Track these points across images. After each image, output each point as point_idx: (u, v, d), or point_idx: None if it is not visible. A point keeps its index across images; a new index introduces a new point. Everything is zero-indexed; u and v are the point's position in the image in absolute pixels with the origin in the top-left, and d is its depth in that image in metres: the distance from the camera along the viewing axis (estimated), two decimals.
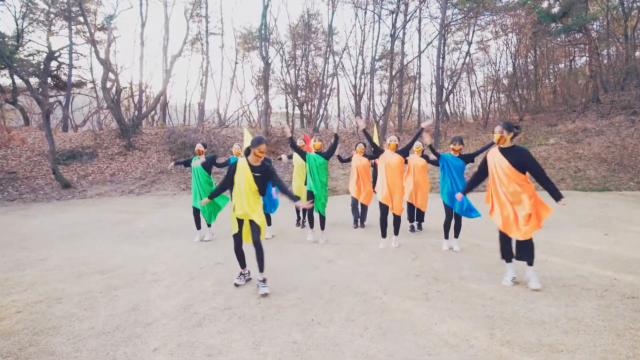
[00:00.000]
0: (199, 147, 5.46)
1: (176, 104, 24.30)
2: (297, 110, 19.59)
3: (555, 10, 18.37)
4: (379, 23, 18.55)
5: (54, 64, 18.10)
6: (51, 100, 17.37)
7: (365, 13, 18.51)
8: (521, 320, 2.77)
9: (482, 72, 30.04)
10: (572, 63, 21.49)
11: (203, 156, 5.54)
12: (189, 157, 5.70)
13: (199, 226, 5.64)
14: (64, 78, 18.66)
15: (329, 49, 18.52)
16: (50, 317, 2.98)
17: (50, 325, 2.83)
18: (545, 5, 18.40)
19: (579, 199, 9.16)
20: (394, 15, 17.31)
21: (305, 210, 6.37)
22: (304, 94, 20.10)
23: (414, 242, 5.33)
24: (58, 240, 5.88)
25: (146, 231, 6.50)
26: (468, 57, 19.15)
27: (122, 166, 14.07)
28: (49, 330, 2.76)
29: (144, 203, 10.29)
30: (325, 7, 26.42)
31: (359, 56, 18.95)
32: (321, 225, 5.37)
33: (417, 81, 21.64)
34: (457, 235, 4.88)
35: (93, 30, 16.73)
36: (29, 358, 2.39)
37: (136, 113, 18.09)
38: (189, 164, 5.59)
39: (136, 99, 19.39)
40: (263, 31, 16.61)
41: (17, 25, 15.93)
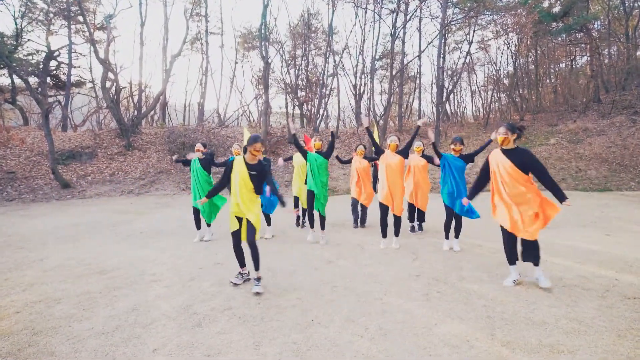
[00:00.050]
0: (198, 147, 5.47)
1: (176, 104, 24.34)
2: (297, 110, 19.57)
3: (556, 9, 18.35)
4: (379, 22, 18.55)
5: (53, 64, 18.09)
6: (50, 100, 17.35)
7: (366, 12, 18.52)
8: (522, 321, 2.76)
9: (483, 72, 30.12)
10: (573, 63, 21.47)
11: (203, 155, 5.53)
12: (185, 162, 5.66)
13: (198, 226, 5.63)
14: (63, 78, 18.64)
15: (329, 49, 18.51)
16: (49, 318, 2.96)
17: (49, 326, 2.82)
18: (546, 4, 18.40)
19: (580, 199, 9.16)
20: (394, 14, 17.30)
21: (304, 210, 6.38)
22: (304, 93, 20.10)
23: (415, 243, 5.32)
24: (57, 240, 5.87)
25: (146, 231, 6.49)
26: (468, 57, 19.15)
27: (122, 166, 14.05)
28: (48, 330, 2.75)
29: (143, 203, 10.28)
30: (326, 7, 26.40)
31: (359, 56, 18.98)
32: (321, 225, 5.37)
33: (418, 81, 21.70)
34: (458, 235, 4.88)
35: (92, 30, 16.73)
36: (28, 358, 2.38)
37: (136, 113, 18.08)
38: (188, 163, 5.58)
39: (136, 98, 19.39)
40: (263, 31, 16.59)
41: (16, 24, 15.91)
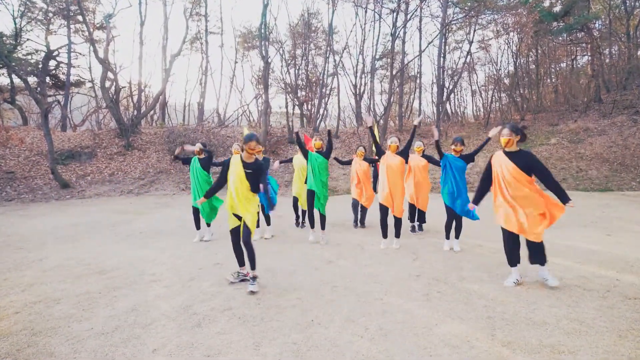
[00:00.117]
0: (197, 147, 5.44)
1: (175, 104, 24.33)
2: (297, 110, 19.54)
3: (556, 9, 18.32)
4: (380, 22, 18.52)
5: (52, 63, 18.07)
6: (50, 99, 17.33)
7: (366, 12, 18.48)
8: (522, 321, 2.76)
9: (483, 72, 30.05)
10: (574, 62, 21.44)
11: (202, 155, 5.53)
12: (188, 157, 5.66)
13: (198, 226, 5.62)
14: (63, 77, 18.63)
15: (329, 48, 18.49)
16: (48, 318, 2.96)
17: (48, 326, 2.81)
18: (546, 4, 18.37)
19: (580, 199, 9.15)
20: (395, 14, 17.26)
21: (304, 211, 6.38)
22: (304, 93, 20.08)
23: (415, 243, 5.32)
24: (56, 240, 5.85)
25: (145, 231, 6.48)
26: (469, 57, 19.13)
27: (121, 166, 14.04)
28: (47, 331, 2.74)
29: (143, 203, 10.27)
30: (326, 6, 26.33)
31: (360, 55, 18.91)
32: (322, 225, 5.35)
33: (418, 80, 21.67)
34: (458, 236, 4.87)
35: (92, 29, 16.70)
36: (28, 359, 2.38)
37: (135, 113, 18.07)
38: (188, 162, 5.57)
39: (135, 98, 19.37)
40: (263, 30, 16.57)
41: (15, 24, 15.89)
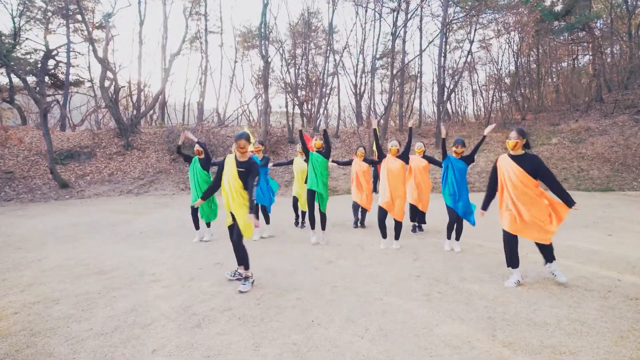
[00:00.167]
0: (197, 148, 5.43)
1: (175, 103, 24.30)
2: (297, 110, 19.52)
3: (558, 8, 18.30)
4: (380, 21, 18.52)
5: (51, 63, 18.02)
6: (49, 99, 17.29)
7: (366, 11, 18.46)
8: (523, 321, 2.75)
9: (484, 71, 29.98)
10: (575, 62, 21.43)
11: (202, 155, 5.51)
12: (189, 155, 5.62)
13: (197, 226, 5.61)
14: (62, 77, 18.58)
15: (329, 48, 18.46)
16: (47, 319, 2.94)
17: (47, 327, 2.80)
18: (548, 3, 18.36)
19: (582, 199, 9.12)
20: (395, 13, 17.23)
21: (303, 212, 6.37)
22: (304, 93, 20.05)
23: (415, 243, 5.31)
24: (55, 240, 5.84)
25: (145, 231, 6.47)
26: (470, 56, 19.11)
27: (121, 166, 14.02)
28: (46, 331, 2.73)
29: (142, 203, 10.26)
30: (326, 5, 26.34)
31: (360, 55, 18.91)
32: (322, 225, 5.33)
33: (419, 80, 21.64)
34: (459, 237, 4.86)
35: (91, 29, 16.67)
36: None
37: (135, 112, 18.04)
38: (189, 160, 5.54)
39: (135, 98, 19.35)
40: (263, 29, 16.54)
41: (14, 23, 15.86)
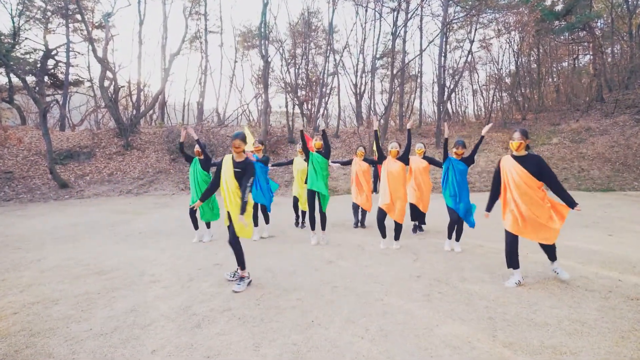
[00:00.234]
0: (197, 149, 5.42)
1: (175, 103, 24.33)
2: (297, 110, 19.51)
3: (558, 7, 18.29)
4: (380, 21, 18.56)
5: (51, 62, 18.01)
6: (48, 99, 17.27)
7: (366, 11, 18.47)
8: (524, 322, 2.75)
9: (485, 71, 30.03)
10: (576, 61, 21.43)
11: (202, 156, 5.50)
12: (190, 156, 5.60)
13: (196, 226, 5.60)
14: (61, 76, 18.55)
15: (329, 48, 18.45)
16: (47, 319, 2.94)
17: (47, 327, 2.79)
18: (548, 2, 18.34)
19: (582, 199, 9.11)
20: (395, 13, 17.23)
21: (304, 212, 6.36)
22: (304, 92, 20.03)
23: (415, 243, 5.30)
24: (55, 240, 5.83)
25: (145, 232, 6.46)
26: (470, 56, 19.12)
27: (120, 166, 14.00)
28: (45, 332, 2.72)
29: (142, 203, 10.24)
30: (326, 5, 26.34)
31: (360, 55, 18.99)
32: (322, 226, 5.32)
33: (419, 80, 21.63)
34: (459, 238, 4.85)
35: (90, 28, 16.66)
36: None
37: (134, 112, 18.03)
38: (190, 160, 5.53)
39: (134, 97, 19.33)
40: (263, 29, 16.53)
41: (14, 23, 15.85)
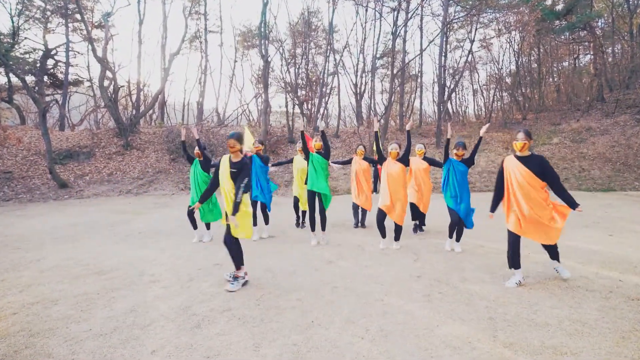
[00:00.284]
0: (197, 150, 5.42)
1: (174, 103, 24.29)
2: (297, 109, 19.49)
3: (559, 7, 18.28)
4: (380, 21, 18.49)
5: (50, 62, 17.96)
6: (47, 98, 17.22)
7: (367, 11, 18.44)
8: (524, 322, 2.74)
9: (485, 71, 29.97)
10: (577, 61, 21.43)
11: (202, 158, 5.49)
12: (189, 157, 5.59)
13: (195, 226, 5.59)
14: (61, 76, 18.51)
15: (329, 47, 18.43)
16: (46, 319, 2.93)
17: (46, 327, 2.79)
18: (549, 2, 18.32)
19: (583, 199, 9.11)
20: (396, 12, 17.20)
21: (304, 211, 6.35)
22: (304, 92, 20.01)
23: (416, 243, 5.30)
24: (54, 240, 5.82)
25: (144, 232, 6.45)
26: (470, 55, 19.10)
27: (120, 166, 13.99)
28: (45, 332, 2.72)
29: (141, 203, 10.23)
30: (326, 5, 26.32)
31: (360, 54, 18.94)
32: (322, 226, 5.31)
33: (419, 80, 21.62)
34: (459, 239, 4.84)
35: (90, 28, 16.62)
36: None
37: (134, 112, 18.01)
38: (191, 160, 5.52)
39: (134, 97, 19.31)
40: (263, 29, 16.51)
41: (13, 22, 15.82)
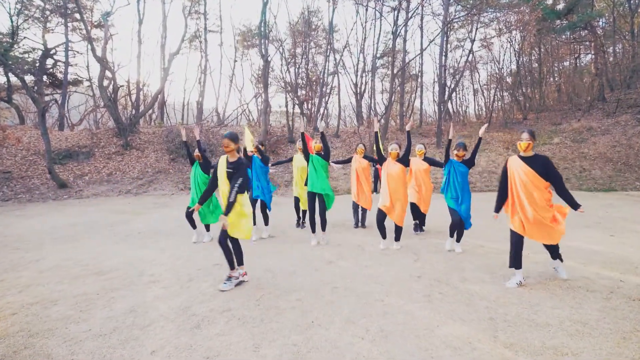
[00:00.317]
0: (197, 152, 5.41)
1: (174, 103, 24.25)
2: (297, 109, 19.48)
3: (560, 6, 18.25)
4: (381, 20, 18.49)
5: (49, 62, 17.93)
6: (47, 98, 17.21)
7: (367, 10, 18.44)
8: (525, 322, 2.74)
9: (486, 70, 29.92)
10: (577, 61, 21.42)
11: (202, 160, 5.48)
12: (192, 157, 5.58)
13: (194, 226, 5.59)
14: (60, 76, 18.49)
15: (329, 47, 18.42)
16: (45, 319, 2.93)
17: (45, 328, 2.78)
18: (549, 1, 18.29)
19: (584, 199, 9.12)
20: (396, 12, 17.20)
21: (304, 211, 6.34)
22: (304, 92, 20.00)
23: (416, 243, 5.29)
24: (54, 241, 5.81)
25: (144, 232, 6.44)
26: (471, 55, 19.09)
27: (119, 166, 13.97)
28: (44, 332, 2.71)
29: (141, 203, 10.22)
30: (326, 4, 26.32)
31: (360, 54, 18.91)
32: (322, 226, 5.30)
33: (419, 79, 21.61)
34: (459, 239, 4.84)
35: (89, 28, 16.60)
36: None
37: (133, 112, 17.99)
38: (194, 161, 5.52)
39: (133, 97, 19.29)
40: (262, 28, 16.49)
41: (12, 22, 15.80)
